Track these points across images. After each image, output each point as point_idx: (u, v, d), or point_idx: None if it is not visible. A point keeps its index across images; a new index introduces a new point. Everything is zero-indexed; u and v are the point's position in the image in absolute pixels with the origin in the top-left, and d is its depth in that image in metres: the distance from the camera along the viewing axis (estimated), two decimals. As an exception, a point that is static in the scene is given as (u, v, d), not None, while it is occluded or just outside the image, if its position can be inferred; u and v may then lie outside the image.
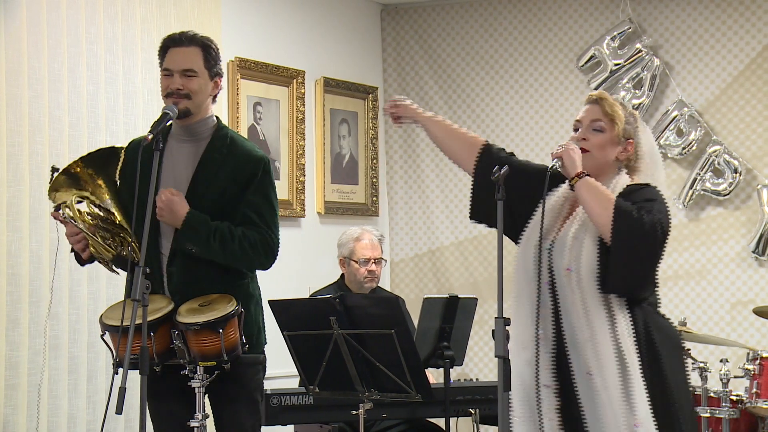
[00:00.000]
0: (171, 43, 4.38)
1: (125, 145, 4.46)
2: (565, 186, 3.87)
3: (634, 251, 3.66)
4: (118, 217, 4.31)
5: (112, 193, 4.29)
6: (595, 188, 3.70)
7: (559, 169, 3.77)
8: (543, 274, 3.80)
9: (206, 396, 4.31)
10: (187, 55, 4.35)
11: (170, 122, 4.20)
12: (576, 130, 3.91)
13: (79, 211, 4.26)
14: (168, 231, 4.30)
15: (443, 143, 4.12)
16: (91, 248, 4.28)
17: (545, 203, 3.83)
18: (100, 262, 4.36)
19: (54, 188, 4.24)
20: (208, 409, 4.31)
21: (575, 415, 3.74)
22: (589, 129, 3.86)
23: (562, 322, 3.77)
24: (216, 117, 4.45)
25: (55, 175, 4.23)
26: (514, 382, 3.75)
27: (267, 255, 4.33)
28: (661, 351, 3.78)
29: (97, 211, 4.30)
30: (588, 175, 3.72)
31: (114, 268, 4.34)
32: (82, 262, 4.45)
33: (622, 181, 3.85)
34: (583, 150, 3.79)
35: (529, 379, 3.80)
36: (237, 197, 4.33)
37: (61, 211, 4.26)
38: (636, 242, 3.64)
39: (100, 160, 4.29)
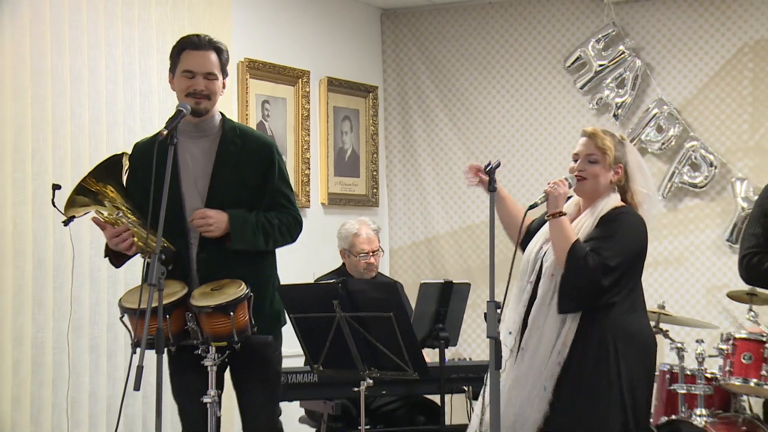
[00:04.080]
0: (189, 46, 4.36)
1: (126, 151, 4.44)
2: (572, 202, 4.37)
3: (575, 286, 4.13)
4: (137, 215, 4.30)
5: (122, 198, 4.28)
6: (562, 230, 4.18)
7: (540, 201, 4.19)
8: (531, 275, 4.27)
9: (228, 371, 4.38)
10: (208, 59, 4.35)
11: (183, 118, 4.22)
12: (575, 160, 4.30)
13: (115, 215, 4.26)
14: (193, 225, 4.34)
15: (500, 213, 4.52)
16: (139, 243, 4.24)
17: (540, 226, 4.37)
18: (142, 255, 4.33)
19: (73, 204, 4.21)
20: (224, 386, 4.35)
21: None
22: (585, 161, 4.27)
23: (531, 312, 4.23)
24: (221, 113, 4.45)
25: (58, 191, 4.15)
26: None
27: (298, 230, 4.47)
28: (618, 349, 4.15)
29: (126, 210, 4.29)
30: (563, 215, 4.19)
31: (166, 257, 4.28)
32: (118, 263, 4.45)
33: (612, 201, 4.27)
34: (582, 178, 4.24)
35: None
36: (258, 183, 4.37)
37: (101, 218, 4.24)
38: (578, 280, 4.11)
39: (106, 171, 4.27)
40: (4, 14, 4.88)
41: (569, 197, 4.37)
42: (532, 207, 4.17)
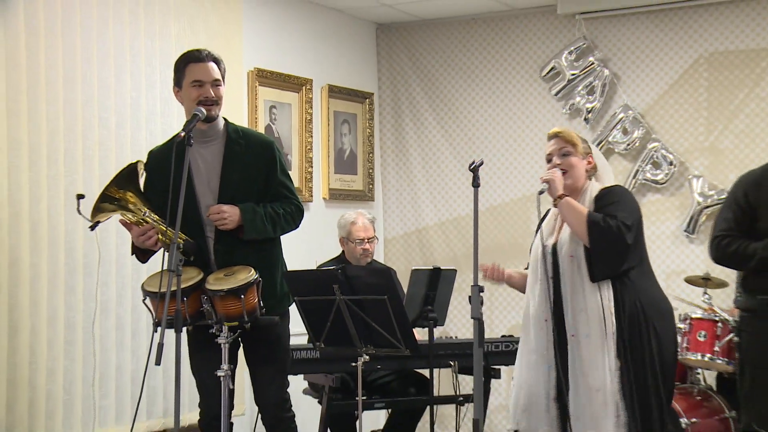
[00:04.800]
0: (194, 59, 4.36)
1: (141, 159, 4.42)
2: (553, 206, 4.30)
3: (606, 250, 4.07)
4: (155, 216, 4.27)
5: (142, 201, 4.27)
6: (572, 207, 4.12)
7: (546, 191, 4.18)
8: (548, 270, 4.20)
9: (241, 348, 4.38)
10: (213, 69, 4.36)
11: (198, 121, 4.21)
12: (549, 161, 4.29)
13: (143, 215, 4.24)
14: (209, 220, 4.33)
15: (517, 288, 4.51)
16: (162, 238, 4.23)
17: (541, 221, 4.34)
18: (166, 249, 4.30)
19: (100, 211, 4.19)
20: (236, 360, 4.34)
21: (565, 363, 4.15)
22: (560, 156, 4.26)
23: (564, 297, 4.16)
24: (223, 118, 4.44)
25: (82, 200, 4.14)
26: (537, 335, 4.23)
27: (300, 217, 4.49)
28: (647, 312, 4.14)
29: (153, 214, 4.28)
30: (567, 195, 4.15)
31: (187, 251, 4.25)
32: (144, 259, 4.44)
33: (594, 186, 4.26)
34: (563, 170, 4.21)
35: (545, 335, 4.21)
36: (263, 178, 4.39)
37: (125, 220, 4.23)
38: (606, 244, 4.06)
39: (126, 179, 4.25)
40: (40, 28, 4.86)
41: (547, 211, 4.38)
42: (541, 193, 4.19)
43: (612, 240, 4.03)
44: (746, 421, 4.56)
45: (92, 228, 4.25)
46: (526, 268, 4.43)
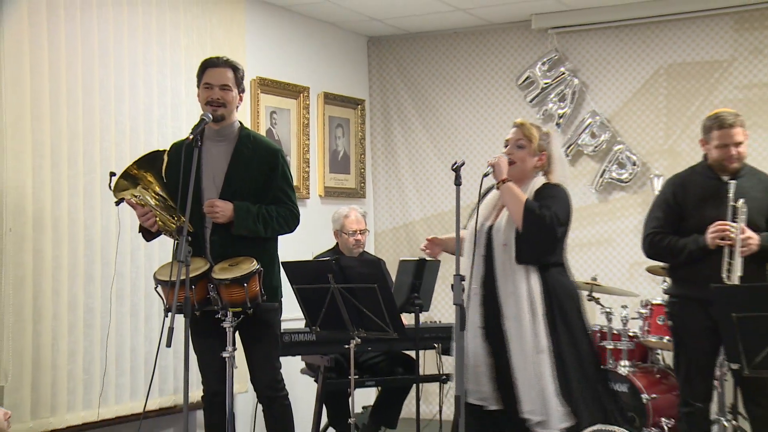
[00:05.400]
0: (210, 65, 4.39)
1: (167, 148, 4.44)
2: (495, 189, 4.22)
3: (535, 236, 4.02)
4: (169, 201, 4.30)
5: (160, 185, 4.28)
6: (512, 192, 4.07)
7: (491, 174, 4.10)
8: (479, 249, 4.16)
9: (237, 333, 4.35)
10: (224, 74, 4.36)
11: (206, 125, 4.22)
12: (506, 146, 4.25)
13: (143, 197, 4.26)
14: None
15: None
16: (159, 222, 4.26)
17: (481, 200, 4.26)
18: (164, 233, 4.34)
19: (119, 188, 4.22)
20: (238, 343, 4.34)
21: (496, 342, 4.10)
22: (514, 146, 4.22)
23: (497, 282, 4.11)
24: (239, 121, 4.44)
25: (114, 177, 4.20)
26: (474, 309, 4.16)
27: (295, 223, 4.44)
28: (562, 301, 4.10)
29: (156, 197, 4.30)
30: (510, 181, 4.08)
31: (177, 236, 4.25)
32: (148, 238, 4.46)
33: (538, 181, 4.20)
34: (511, 161, 4.15)
35: (480, 309, 4.16)
36: (264, 181, 4.37)
37: (132, 198, 4.26)
38: (537, 231, 4.01)
39: (148, 162, 4.28)
40: (61, 41, 4.85)
41: (489, 189, 4.32)
42: (486, 175, 4.11)
43: (543, 228, 3.99)
44: (686, 396, 4.59)
45: (117, 203, 4.28)
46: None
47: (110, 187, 4.20)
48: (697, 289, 4.38)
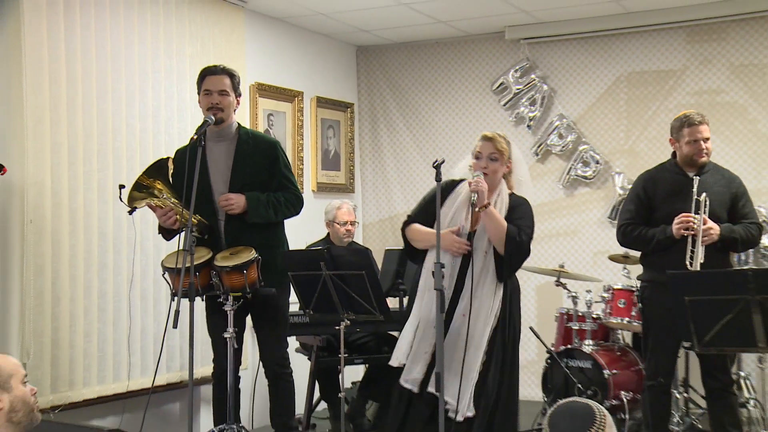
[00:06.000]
0: (208, 72, 4.41)
1: (171, 156, 4.44)
2: (466, 188, 4.17)
3: (516, 258, 4.08)
4: (181, 202, 4.29)
5: (169, 190, 4.28)
6: (494, 217, 4.06)
7: (474, 200, 4.02)
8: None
9: (250, 315, 4.38)
10: (221, 80, 4.37)
11: (208, 127, 4.23)
12: (477, 158, 4.19)
13: (159, 201, 4.25)
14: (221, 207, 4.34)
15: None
16: (180, 220, 4.24)
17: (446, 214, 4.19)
18: (185, 229, 4.31)
19: (134, 199, 4.21)
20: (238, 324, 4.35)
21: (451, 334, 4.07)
22: (487, 159, 4.17)
23: (466, 283, 4.07)
24: (237, 122, 4.45)
25: (123, 189, 4.16)
26: (429, 303, 4.13)
27: (300, 205, 4.52)
28: (513, 301, 4.17)
29: (172, 197, 4.29)
30: (490, 204, 4.05)
31: (195, 229, 4.22)
32: (168, 237, 4.45)
33: (505, 189, 4.19)
34: (484, 174, 4.12)
35: (434, 304, 4.00)
36: (268, 172, 4.41)
37: (153, 202, 4.24)
38: (517, 254, 4.06)
39: (156, 170, 4.28)
40: (77, 50, 4.84)
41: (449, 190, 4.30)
42: (473, 204, 4.03)
43: (522, 251, 4.07)
44: (650, 371, 4.63)
45: (130, 212, 4.26)
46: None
47: (120, 199, 4.17)
48: (664, 275, 4.42)
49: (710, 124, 4.67)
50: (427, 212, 4.24)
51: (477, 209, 4.06)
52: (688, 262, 4.36)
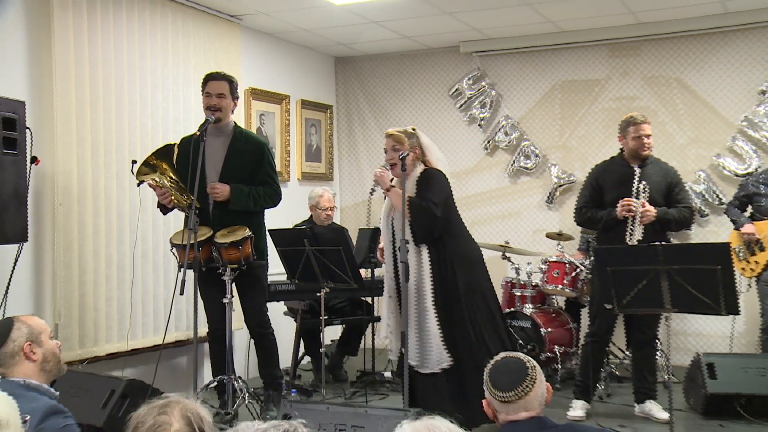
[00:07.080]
0: (211, 78, 4.39)
1: (177, 141, 4.44)
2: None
3: (422, 222, 3.92)
4: (181, 183, 4.30)
5: (173, 171, 4.28)
6: (397, 195, 3.96)
7: (375, 187, 4.02)
8: (388, 236, 4.10)
9: (234, 284, 4.38)
10: (221, 85, 4.35)
11: (209, 125, 4.22)
12: (386, 152, 4.11)
13: (161, 181, 4.26)
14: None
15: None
16: (174, 200, 4.26)
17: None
18: (178, 208, 4.34)
19: (141, 173, 4.22)
20: (234, 291, 4.36)
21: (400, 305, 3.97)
22: (392, 152, 4.07)
23: (394, 249, 4.03)
24: (234, 122, 4.44)
25: (135, 165, 4.20)
26: (387, 280, 4.10)
27: (277, 199, 4.45)
28: (456, 266, 3.99)
29: (170, 180, 4.29)
30: (393, 187, 3.98)
31: (187, 210, 4.26)
32: (165, 212, 4.46)
33: (419, 169, 4.07)
34: (393, 164, 4.03)
35: (391, 281, 4.09)
36: (254, 168, 4.38)
37: (152, 182, 4.25)
38: (421, 217, 3.92)
39: (163, 153, 4.28)
40: (98, 59, 4.81)
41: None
42: (373, 192, 4.09)
43: (426, 215, 3.91)
44: (594, 329, 4.64)
45: (138, 184, 4.28)
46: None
47: (132, 171, 4.21)
48: None
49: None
50: None
51: (384, 192, 4.00)
52: (627, 238, 4.40)
